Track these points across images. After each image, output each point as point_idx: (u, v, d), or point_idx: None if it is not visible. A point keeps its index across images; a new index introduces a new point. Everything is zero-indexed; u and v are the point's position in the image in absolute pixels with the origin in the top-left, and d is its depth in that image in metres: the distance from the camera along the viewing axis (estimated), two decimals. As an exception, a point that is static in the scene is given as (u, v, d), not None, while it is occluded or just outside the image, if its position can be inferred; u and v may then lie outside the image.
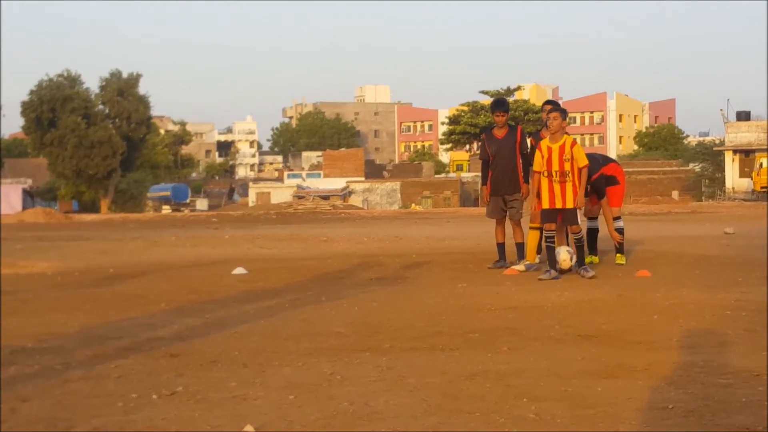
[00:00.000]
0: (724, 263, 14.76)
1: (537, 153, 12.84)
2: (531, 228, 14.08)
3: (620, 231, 14.52)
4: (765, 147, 68.70)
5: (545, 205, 12.66)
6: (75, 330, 8.72)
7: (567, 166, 12.47)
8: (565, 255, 13.01)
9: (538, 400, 5.57)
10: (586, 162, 12.66)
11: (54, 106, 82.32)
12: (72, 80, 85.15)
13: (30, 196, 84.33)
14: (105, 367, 6.90)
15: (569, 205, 12.52)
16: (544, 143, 12.73)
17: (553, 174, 12.51)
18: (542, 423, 5.09)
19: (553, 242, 12.72)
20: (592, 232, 14.52)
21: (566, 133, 13.04)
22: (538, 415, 5.24)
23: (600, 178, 14.19)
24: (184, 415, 5.37)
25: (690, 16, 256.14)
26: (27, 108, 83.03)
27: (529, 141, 14.47)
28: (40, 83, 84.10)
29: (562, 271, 12.80)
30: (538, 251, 14.15)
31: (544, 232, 12.90)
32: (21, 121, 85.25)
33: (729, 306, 9.59)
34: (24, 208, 73.58)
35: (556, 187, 12.52)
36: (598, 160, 14.88)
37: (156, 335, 8.35)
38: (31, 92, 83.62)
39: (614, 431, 4.88)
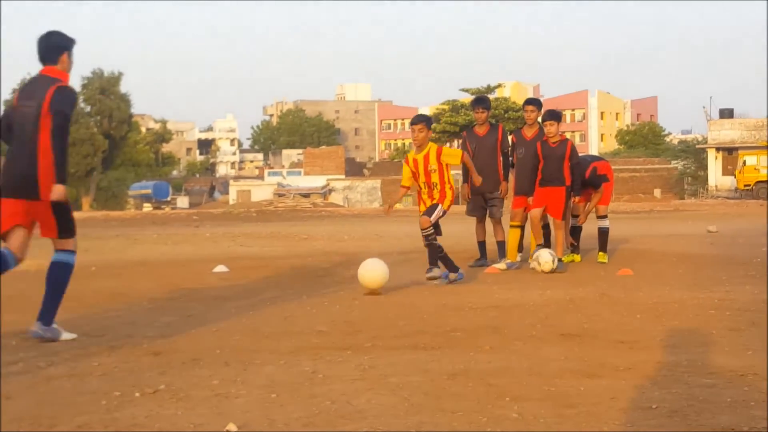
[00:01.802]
0: (707, 262, 14.81)
1: (405, 167, 12.27)
2: (512, 226, 14.11)
3: (605, 230, 14.57)
4: (748, 145, 68.95)
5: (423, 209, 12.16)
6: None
7: (434, 178, 11.89)
8: (547, 257, 13.03)
9: (520, 400, 5.57)
10: (458, 153, 12.48)
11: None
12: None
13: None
14: (88, 364, 6.89)
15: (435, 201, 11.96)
16: (410, 155, 12.24)
17: (422, 186, 12.04)
18: (525, 423, 5.09)
19: (435, 240, 11.90)
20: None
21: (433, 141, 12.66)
22: (521, 415, 5.24)
23: (592, 172, 14.23)
24: (167, 413, 5.36)
25: (673, 13, 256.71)
26: (7, 106, 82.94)
27: (510, 139, 14.49)
28: (22, 81, 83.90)
29: (544, 272, 12.84)
30: (520, 249, 14.18)
31: (421, 231, 12.01)
32: None
33: (712, 305, 9.62)
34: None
35: (427, 201, 12.02)
36: (587, 159, 14.98)
37: (138, 333, 8.33)
38: (13, 91, 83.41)
39: (598, 431, 4.88)
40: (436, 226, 11.76)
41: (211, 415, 5.29)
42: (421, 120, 12.07)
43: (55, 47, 8.26)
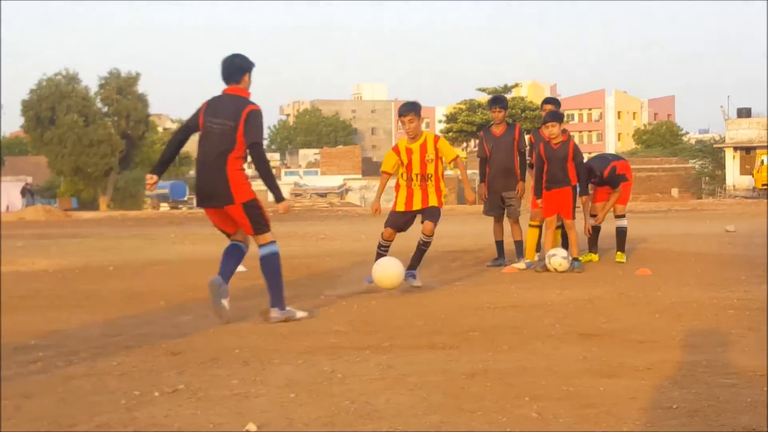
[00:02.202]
0: (726, 261, 14.77)
1: (391, 153, 11.95)
2: (530, 226, 14.11)
3: (623, 230, 14.55)
4: (766, 144, 68.74)
5: (399, 208, 11.70)
6: (76, 327, 8.73)
7: (430, 168, 11.45)
8: (559, 259, 13.02)
9: (539, 400, 5.57)
10: (454, 152, 11.87)
11: (53, 105, 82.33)
12: (71, 79, 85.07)
13: (30, 194, 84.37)
14: (107, 364, 6.91)
15: (432, 204, 11.53)
16: (402, 143, 11.76)
17: (413, 177, 11.49)
18: (544, 422, 5.08)
19: (387, 251, 11.73)
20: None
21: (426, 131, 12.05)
22: (540, 415, 5.23)
23: (611, 171, 14.23)
24: (186, 412, 5.37)
25: (690, 12, 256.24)
26: (27, 107, 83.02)
27: (528, 138, 14.49)
28: (40, 82, 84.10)
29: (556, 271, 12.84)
30: (538, 249, 14.17)
31: (380, 240, 11.80)
32: (21, 120, 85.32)
33: (731, 305, 9.59)
34: (25, 204, 73.66)
35: (417, 191, 11.50)
36: (607, 158, 14.99)
37: (156, 332, 8.36)
38: (31, 91, 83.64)
39: (617, 431, 4.87)
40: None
41: (230, 414, 5.29)
42: (410, 110, 11.51)
43: (238, 68, 9.28)
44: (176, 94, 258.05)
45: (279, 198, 9.43)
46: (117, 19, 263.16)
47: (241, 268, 14.54)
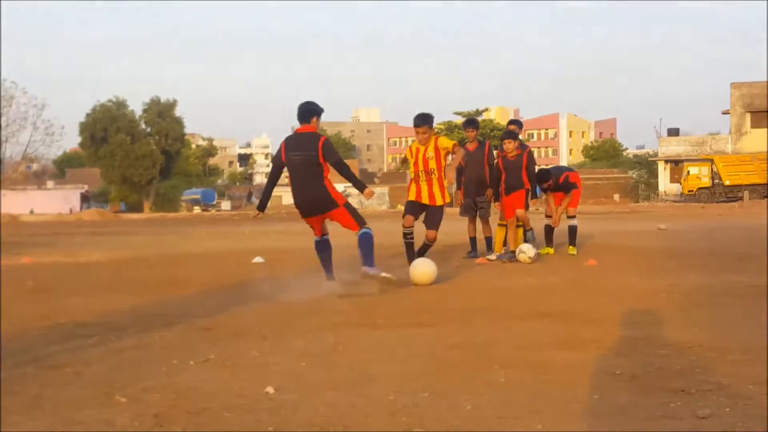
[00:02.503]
0: (659, 254, 14.79)
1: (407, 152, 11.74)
2: (498, 224, 14.16)
3: (574, 228, 14.59)
4: (692, 158, 68.94)
5: (411, 197, 11.50)
6: (125, 308, 8.71)
7: (432, 164, 11.19)
8: (529, 251, 13.07)
9: (506, 367, 5.55)
10: (452, 142, 11.49)
11: (105, 126, 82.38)
12: (120, 105, 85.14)
13: (87, 199, 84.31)
14: (151, 338, 6.90)
15: (436, 203, 11.35)
16: (414, 145, 11.52)
17: (420, 174, 11.30)
18: (510, 386, 5.07)
19: (411, 237, 11.57)
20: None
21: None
22: (507, 379, 5.22)
23: (565, 180, 14.41)
24: (216, 378, 5.36)
25: (630, 45, 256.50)
26: (83, 128, 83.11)
27: (495, 153, 14.51)
28: (94, 107, 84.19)
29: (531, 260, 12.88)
30: (504, 244, 14.20)
31: (403, 229, 11.54)
32: (78, 139, 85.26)
33: (664, 290, 9.59)
34: (82, 208, 73.63)
35: (423, 186, 11.30)
36: (562, 169, 15.24)
37: (191, 312, 8.34)
38: (87, 115, 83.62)
39: (571, 393, 4.87)
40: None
41: (252, 380, 5.28)
42: (423, 123, 11.28)
43: (310, 111, 10.11)
44: (207, 116, 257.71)
45: (362, 188, 10.23)
46: (158, 55, 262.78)
47: (260, 259, 14.56)
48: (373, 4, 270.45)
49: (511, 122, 15.22)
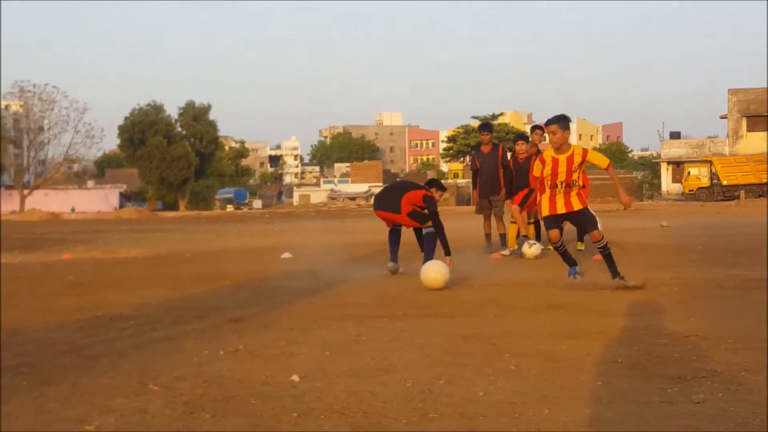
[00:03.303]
0: (661, 249, 14.75)
1: (537, 162, 9.68)
2: (511, 222, 14.16)
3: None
4: (692, 159, 68.72)
5: (547, 212, 9.61)
6: (160, 301, 8.74)
7: (575, 177, 9.39)
8: (526, 248, 13.06)
9: (517, 356, 5.55)
10: (607, 161, 9.59)
11: (143, 129, 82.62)
12: (157, 109, 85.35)
13: (125, 198, 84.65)
14: (183, 329, 6.93)
15: (578, 207, 9.54)
16: (548, 153, 9.54)
17: (558, 185, 9.45)
18: (520, 373, 5.07)
19: (564, 248, 9.69)
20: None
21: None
22: (518, 367, 5.22)
23: None
24: (245, 367, 5.37)
25: (635, 55, 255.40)
26: (122, 130, 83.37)
27: (509, 155, 14.51)
28: (132, 111, 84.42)
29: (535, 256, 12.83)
30: (518, 238, 14.19)
31: (550, 244, 9.73)
32: (118, 141, 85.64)
33: (665, 282, 9.56)
34: (120, 207, 73.94)
35: (559, 198, 9.48)
36: None
37: (222, 305, 8.36)
38: (126, 118, 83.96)
39: (576, 380, 4.86)
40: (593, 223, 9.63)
41: (279, 368, 5.30)
42: (553, 122, 9.46)
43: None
44: (240, 120, 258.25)
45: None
46: (194, 62, 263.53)
47: (288, 255, 14.59)
48: (396, 11, 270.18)
49: (535, 127, 15.15)
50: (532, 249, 13.14)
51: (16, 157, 76.72)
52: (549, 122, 9.48)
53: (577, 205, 9.50)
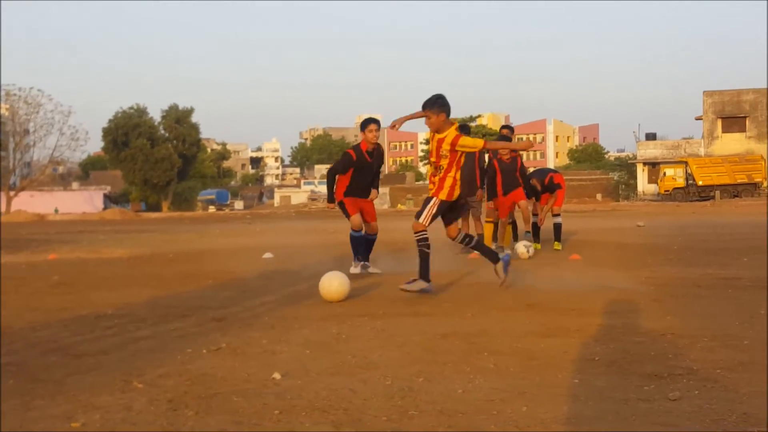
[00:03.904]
0: (636, 249, 14.81)
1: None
2: (486, 222, 14.19)
3: (559, 225, 14.61)
4: (668, 160, 69.06)
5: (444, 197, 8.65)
6: (144, 300, 8.71)
7: (443, 162, 8.53)
8: (522, 249, 13.05)
9: (495, 354, 5.56)
10: (482, 141, 8.86)
11: (126, 131, 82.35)
12: (140, 112, 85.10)
13: (109, 199, 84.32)
14: (167, 328, 6.90)
15: (430, 194, 8.71)
16: (432, 132, 8.66)
17: (432, 165, 8.75)
18: (499, 371, 5.07)
19: (427, 246, 8.72)
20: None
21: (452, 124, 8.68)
22: (496, 365, 5.23)
23: (550, 180, 14.46)
24: (227, 365, 5.36)
25: (612, 57, 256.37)
26: (106, 133, 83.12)
27: (487, 157, 14.52)
28: (116, 114, 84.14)
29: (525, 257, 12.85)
30: (494, 239, 14.21)
31: (415, 235, 8.70)
32: (102, 143, 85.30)
33: (640, 281, 9.60)
34: (104, 208, 73.66)
35: (435, 180, 8.67)
36: (546, 171, 15.25)
37: (205, 304, 8.33)
38: (109, 121, 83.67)
39: (554, 378, 4.88)
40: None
41: (260, 366, 5.29)
42: (426, 106, 8.52)
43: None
44: (221, 123, 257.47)
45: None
46: (176, 64, 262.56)
47: (269, 255, 14.56)
48: (377, 14, 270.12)
49: (504, 127, 15.21)
50: (527, 251, 13.09)
51: (2, 159, 76.27)
52: (423, 107, 8.52)
53: (430, 193, 8.71)
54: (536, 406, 4.25)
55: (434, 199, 8.57)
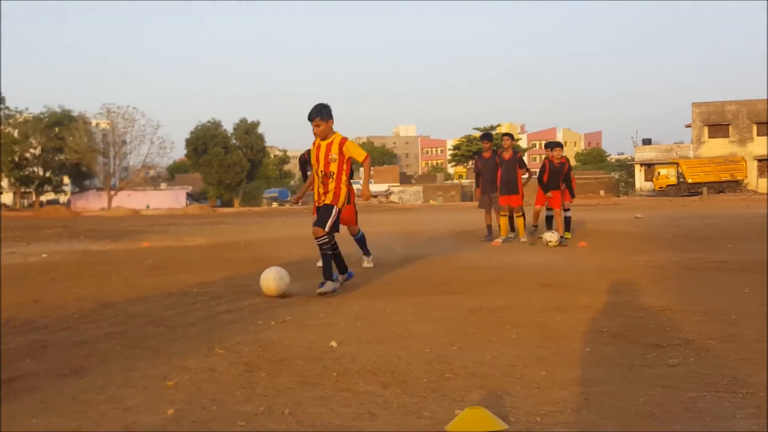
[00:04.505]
0: (635, 237, 14.66)
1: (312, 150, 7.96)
2: (501, 215, 14.15)
3: (569, 217, 14.50)
4: (661, 161, 68.55)
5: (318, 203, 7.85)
6: (221, 281, 8.76)
7: (333, 167, 7.66)
8: (550, 236, 12.91)
9: (517, 326, 5.53)
10: (365, 155, 7.80)
11: (205, 141, 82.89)
12: (215, 125, 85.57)
13: (191, 197, 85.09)
14: (241, 304, 6.93)
15: (328, 201, 7.74)
16: (315, 142, 7.83)
17: (319, 174, 7.75)
18: (521, 341, 5.05)
19: (329, 249, 7.72)
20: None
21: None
22: (518, 336, 5.20)
23: (566, 179, 14.33)
24: (292, 334, 5.37)
25: (611, 74, 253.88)
26: (188, 143, 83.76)
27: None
28: (196, 127, 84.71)
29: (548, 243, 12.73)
30: (512, 230, 14.18)
31: (316, 240, 7.74)
32: (184, 151, 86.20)
33: (640, 265, 9.51)
34: (187, 204, 74.38)
35: (320, 188, 7.77)
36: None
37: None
38: (191, 133, 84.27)
39: (568, 346, 4.84)
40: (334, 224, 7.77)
41: (320, 335, 5.30)
42: (314, 116, 7.62)
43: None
44: (283, 132, 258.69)
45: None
46: (244, 84, 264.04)
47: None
48: (414, 39, 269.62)
49: (504, 135, 14.91)
50: (552, 238, 12.93)
51: (104, 165, 77.47)
52: (310, 117, 7.64)
53: (327, 200, 7.76)
54: (554, 370, 4.22)
55: (335, 207, 7.70)
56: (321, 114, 7.55)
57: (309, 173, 8.04)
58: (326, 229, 7.63)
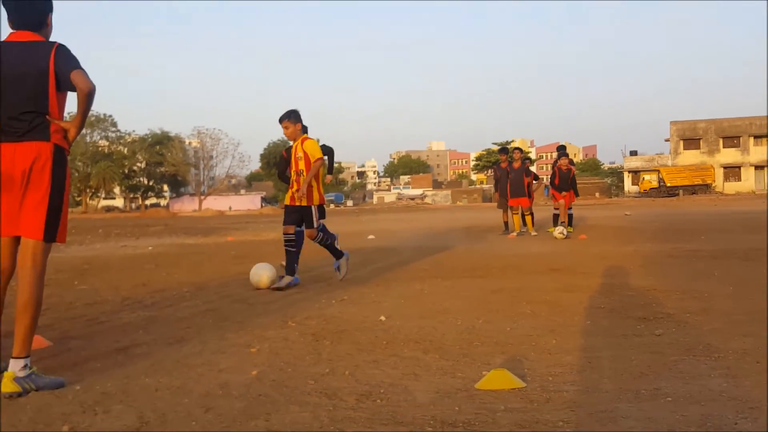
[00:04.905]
0: (625, 230, 14.46)
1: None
2: (513, 213, 14.07)
3: (571, 214, 14.38)
4: (646, 169, 67.81)
5: (287, 201, 7.11)
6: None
7: (301, 165, 6.93)
8: (559, 231, 12.73)
9: (531, 304, 5.50)
10: (319, 155, 6.90)
11: (276, 155, 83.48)
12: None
13: (265, 201, 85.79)
14: (309, 286, 6.97)
15: (305, 203, 7.01)
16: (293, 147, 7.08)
17: (294, 174, 7.06)
18: (534, 316, 5.01)
19: (293, 246, 7.09)
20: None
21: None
22: (532, 311, 5.17)
23: (573, 182, 14.21)
24: (350, 310, 5.38)
25: (607, 94, 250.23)
26: (262, 157, 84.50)
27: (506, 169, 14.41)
28: (269, 144, 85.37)
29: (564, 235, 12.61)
30: (524, 225, 14.09)
31: (283, 236, 7.12)
32: (259, 163, 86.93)
33: (630, 253, 9.38)
34: (261, 206, 75.01)
35: (294, 185, 7.04)
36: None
37: (332, 270, 8.40)
38: (264, 149, 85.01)
39: (572, 320, 4.80)
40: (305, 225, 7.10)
41: (372, 311, 5.32)
42: (284, 118, 6.93)
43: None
44: (338, 147, 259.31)
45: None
46: (311, 103, 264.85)
47: (372, 236, 14.60)
48: (441, 66, 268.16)
49: (515, 149, 14.74)
50: (558, 232, 12.77)
51: (195, 175, 78.78)
52: (281, 120, 6.92)
53: (302, 201, 7.02)
54: (562, 339, 4.19)
55: (312, 207, 7.04)
56: (290, 117, 6.86)
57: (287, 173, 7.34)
58: (315, 226, 7.01)
